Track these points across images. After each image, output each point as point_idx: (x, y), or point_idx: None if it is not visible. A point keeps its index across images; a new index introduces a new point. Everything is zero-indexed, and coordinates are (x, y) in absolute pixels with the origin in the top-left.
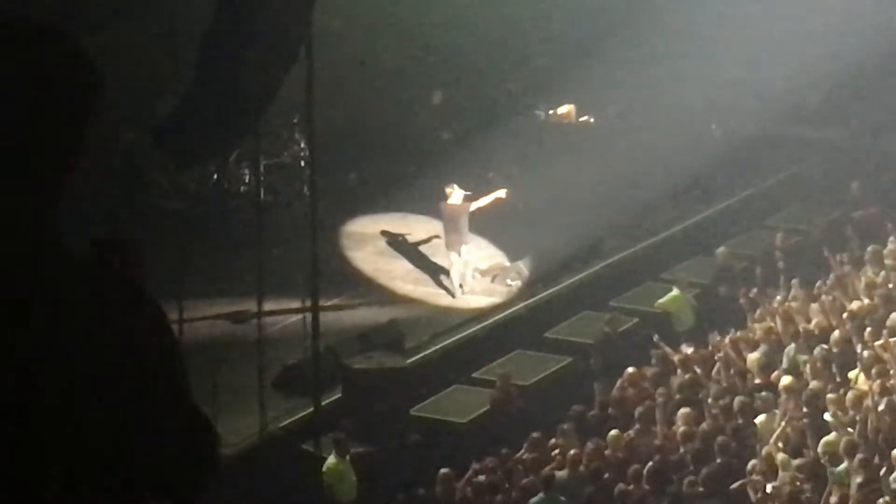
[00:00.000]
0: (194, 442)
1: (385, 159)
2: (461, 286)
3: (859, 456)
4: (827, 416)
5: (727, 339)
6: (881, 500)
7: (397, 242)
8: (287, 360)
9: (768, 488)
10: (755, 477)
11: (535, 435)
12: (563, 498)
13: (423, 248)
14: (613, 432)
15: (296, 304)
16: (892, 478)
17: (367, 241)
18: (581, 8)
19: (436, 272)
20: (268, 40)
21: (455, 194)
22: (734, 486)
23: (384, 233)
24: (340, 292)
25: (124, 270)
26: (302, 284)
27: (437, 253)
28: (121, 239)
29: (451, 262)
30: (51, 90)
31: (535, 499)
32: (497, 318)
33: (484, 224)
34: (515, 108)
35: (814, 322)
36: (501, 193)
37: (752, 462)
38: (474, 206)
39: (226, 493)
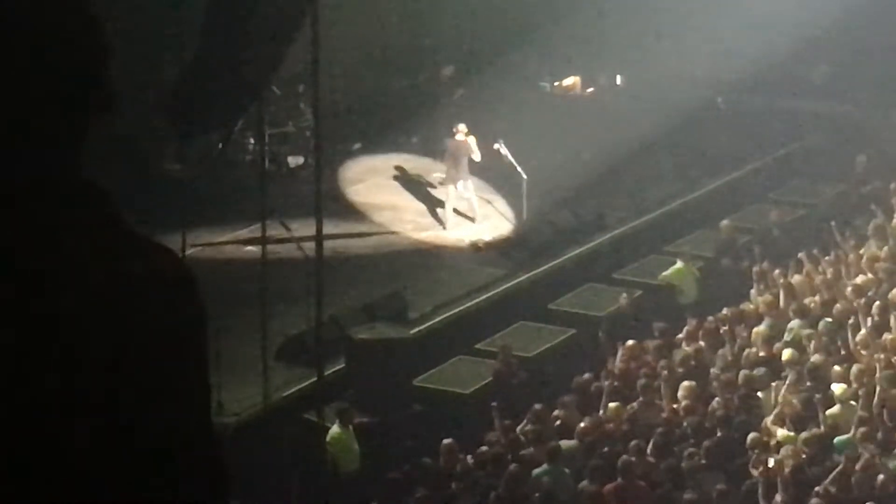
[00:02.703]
0: (211, 459)
1: (390, 130)
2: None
3: (861, 429)
4: (834, 388)
5: (730, 313)
6: (880, 477)
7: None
8: (290, 329)
9: (770, 462)
10: (761, 456)
11: (537, 407)
12: (567, 470)
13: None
14: (614, 404)
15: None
16: (893, 453)
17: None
18: None
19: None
20: (272, 9)
21: (461, 133)
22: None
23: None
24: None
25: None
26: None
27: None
28: None
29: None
30: (63, 50)
31: (538, 470)
32: (500, 289)
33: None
34: (521, 80)
35: (816, 296)
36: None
37: (752, 435)
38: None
39: (229, 463)
